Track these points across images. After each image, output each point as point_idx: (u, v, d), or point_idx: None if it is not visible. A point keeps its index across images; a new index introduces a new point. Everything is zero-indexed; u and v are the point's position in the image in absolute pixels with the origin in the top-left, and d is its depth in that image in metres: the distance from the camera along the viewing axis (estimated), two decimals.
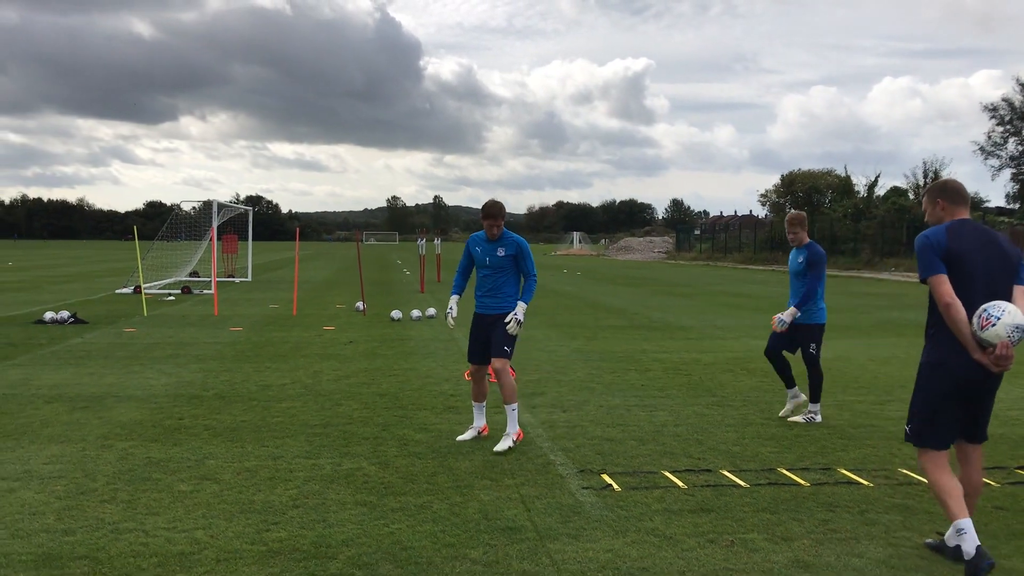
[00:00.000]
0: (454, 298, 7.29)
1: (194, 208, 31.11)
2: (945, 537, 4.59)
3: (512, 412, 6.91)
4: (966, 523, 4.38)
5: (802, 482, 5.98)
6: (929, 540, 4.82)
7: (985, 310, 4.30)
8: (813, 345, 7.89)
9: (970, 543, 4.31)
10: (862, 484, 5.96)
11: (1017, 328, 4.24)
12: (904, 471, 6.30)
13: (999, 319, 4.24)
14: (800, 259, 7.93)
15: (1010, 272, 4.54)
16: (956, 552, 4.41)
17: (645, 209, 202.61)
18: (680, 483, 5.93)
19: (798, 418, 7.93)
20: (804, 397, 8.13)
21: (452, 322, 7.25)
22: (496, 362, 6.92)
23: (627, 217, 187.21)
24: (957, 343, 4.40)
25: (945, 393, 4.49)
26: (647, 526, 5.06)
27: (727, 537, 4.89)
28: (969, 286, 4.42)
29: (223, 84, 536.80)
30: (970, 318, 4.34)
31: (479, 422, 7.22)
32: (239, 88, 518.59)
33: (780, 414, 8.16)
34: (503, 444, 6.77)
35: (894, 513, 5.36)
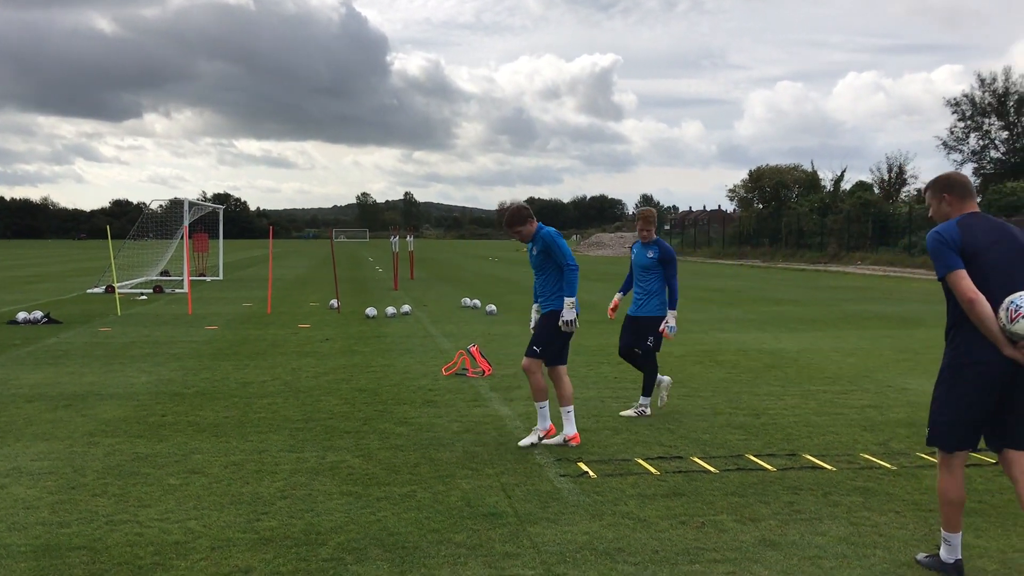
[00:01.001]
0: (533, 307, 7.23)
1: (162, 206, 30.95)
2: (940, 553, 4.47)
3: (541, 410, 6.84)
4: (957, 538, 4.38)
5: (769, 467, 6.26)
6: (920, 556, 4.60)
7: (1012, 302, 4.07)
8: (652, 338, 7.85)
9: (953, 554, 4.35)
10: (826, 468, 6.25)
11: None
12: (865, 456, 6.60)
13: None
14: (650, 254, 7.91)
15: None
16: (956, 568, 4.35)
17: (616, 205, 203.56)
18: (653, 470, 6.19)
19: (630, 411, 7.93)
20: (668, 379, 8.17)
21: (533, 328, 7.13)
22: (523, 360, 6.88)
23: (598, 213, 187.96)
24: (982, 340, 4.17)
25: (972, 394, 4.23)
26: (622, 510, 5.30)
27: (698, 519, 5.15)
28: (987, 281, 4.20)
29: (188, 80, 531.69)
30: (995, 312, 4.13)
31: (543, 424, 6.90)
32: (204, 84, 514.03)
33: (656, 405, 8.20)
34: (528, 439, 6.83)
35: (855, 495, 5.65)
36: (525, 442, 6.81)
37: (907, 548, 4.71)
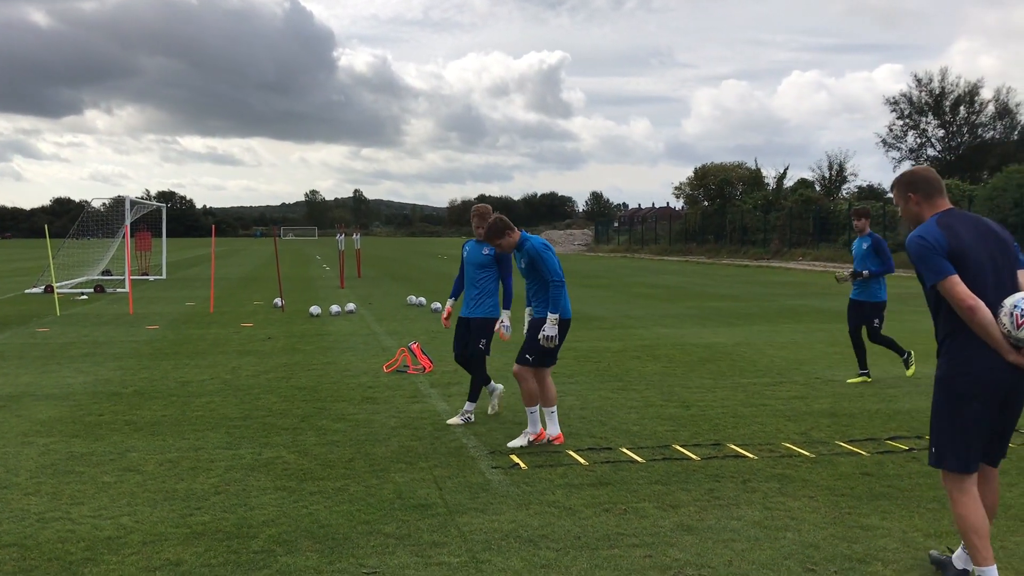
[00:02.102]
0: (527, 310, 7.11)
1: (104, 205, 30.45)
2: (953, 557, 4.29)
3: (532, 414, 6.82)
4: (992, 572, 3.92)
5: (693, 457, 6.50)
6: (934, 552, 4.48)
7: (1016, 306, 3.81)
8: (483, 341, 7.54)
9: None
10: (748, 457, 6.51)
11: None
12: (787, 444, 6.88)
13: None
14: (485, 251, 7.50)
15: (1010, 258, 4.09)
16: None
17: (566, 202, 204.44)
18: (582, 460, 6.38)
19: (456, 419, 7.59)
20: (501, 387, 8.00)
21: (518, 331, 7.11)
22: (514, 367, 6.84)
23: (548, 210, 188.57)
24: (981, 348, 3.89)
25: (973, 406, 3.93)
26: (549, 499, 5.49)
27: (620, 506, 5.35)
28: (979, 282, 3.93)
29: (129, 76, 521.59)
30: (995, 317, 3.87)
31: (533, 428, 6.85)
32: (146, 80, 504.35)
33: (489, 411, 7.91)
34: (518, 441, 6.83)
35: (773, 482, 5.90)
36: (515, 443, 6.79)
37: (816, 531, 4.95)
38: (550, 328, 6.63)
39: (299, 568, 4.39)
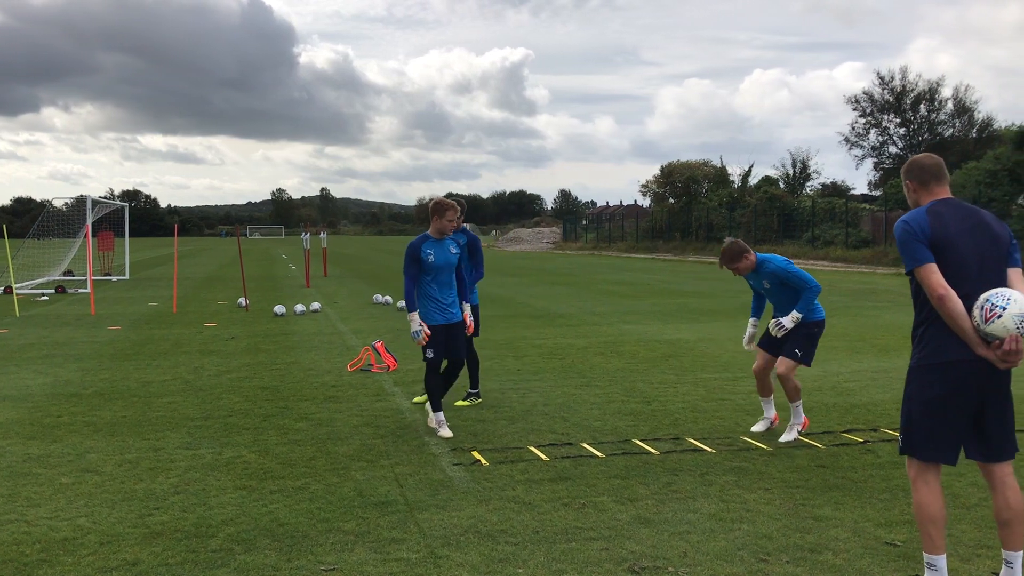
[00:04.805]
0: (751, 321, 7.42)
1: (66, 204, 30.03)
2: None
3: (796, 408, 7.01)
4: (941, 561, 3.96)
5: (653, 451, 6.58)
6: None
7: (988, 300, 3.78)
8: (430, 350, 7.18)
9: None
10: (706, 451, 6.60)
11: None
12: (745, 438, 6.98)
13: (1005, 309, 3.73)
14: (453, 249, 7.28)
15: (1002, 254, 4.00)
16: None
17: (535, 200, 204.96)
18: (543, 456, 6.44)
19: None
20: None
21: None
22: (780, 368, 6.90)
23: (517, 208, 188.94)
24: (953, 338, 3.86)
25: (943, 397, 3.89)
26: (509, 494, 5.53)
27: (579, 501, 5.41)
28: (961, 274, 3.89)
29: (87, 73, 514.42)
30: (968, 310, 3.84)
31: (797, 419, 7.04)
32: (105, 78, 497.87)
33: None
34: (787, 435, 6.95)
35: (730, 475, 5.99)
36: (785, 438, 6.89)
37: (771, 522, 5.05)
38: (789, 322, 6.81)
39: (257, 566, 4.40)
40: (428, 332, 7.07)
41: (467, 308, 7.56)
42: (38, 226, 27.99)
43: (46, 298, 21.37)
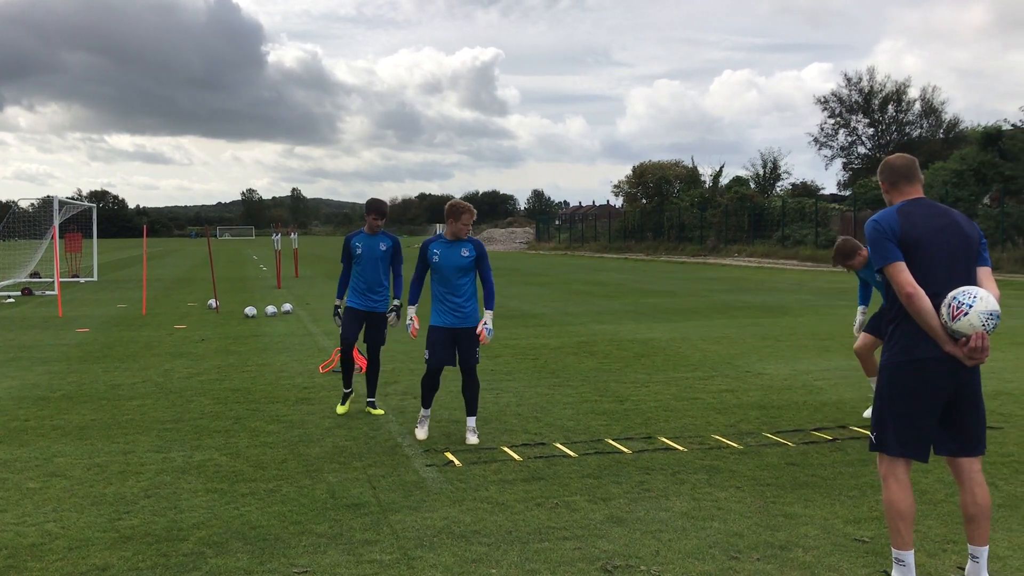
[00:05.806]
0: (860, 308, 8.11)
1: (32, 205, 29.61)
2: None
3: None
4: (909, 556, 4.01)
5: (625, 450, 6.61)
6: None
7: (955, 298, 3.86)
8: (478, 351, 7.18)
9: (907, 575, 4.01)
10: (678, 450, 6.64)
11: (991, 315, 3.84)
12: (716, 437, 7.04)
13: (971, 307, 3.81)
14: (464, 252, 7.01)
15: (971, 254, 4.07)
16: None
17: (508, 200, 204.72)
18: (516, 456, 6.45)
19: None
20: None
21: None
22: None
23: (490, 208, 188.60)
24: (923, 336, 3.93)
25: (913, 394, 3.97)
26: (482, 495, 5.54)
27: (552, 500, 5.43)
28: (930, 273, 3.96)
29: (51, 72, 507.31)
30: (936, 308, 3.90)
31: None
32: (70, 77, 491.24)
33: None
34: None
35: (701, 473, 6.04)
36: (867, 414, 7.17)
37: (741, 520, 5.09)
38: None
39: (229, 569, 4.37)
40: (417, 326, 7.05)
41: (487, 316, 7.09)
42: (3, 227, 27.58)
43: (12, 300, 21.07)
